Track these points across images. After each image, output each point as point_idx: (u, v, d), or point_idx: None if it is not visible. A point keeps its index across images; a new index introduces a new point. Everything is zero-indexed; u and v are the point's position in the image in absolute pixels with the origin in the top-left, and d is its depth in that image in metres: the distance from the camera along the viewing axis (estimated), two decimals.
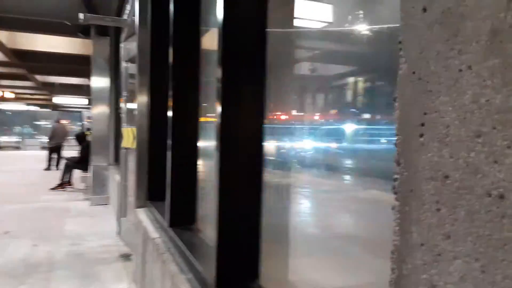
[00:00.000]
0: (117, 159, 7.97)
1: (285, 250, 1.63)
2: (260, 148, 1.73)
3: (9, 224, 6.16)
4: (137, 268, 3.64)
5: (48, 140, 13.35)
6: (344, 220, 1.29)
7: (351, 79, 1.30)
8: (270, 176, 1.75)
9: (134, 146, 4.49)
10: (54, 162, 13.17)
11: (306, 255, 1.47)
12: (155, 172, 3.74)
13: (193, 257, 2.15)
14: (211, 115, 2.46)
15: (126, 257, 4.83)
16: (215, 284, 1.76)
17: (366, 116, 1.17)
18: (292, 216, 1.58)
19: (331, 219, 1.36)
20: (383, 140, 1.03)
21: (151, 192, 3.75)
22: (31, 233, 5.72)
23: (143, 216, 3.56)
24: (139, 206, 3.92)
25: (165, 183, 2.91)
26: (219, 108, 1.73)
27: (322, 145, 1.36)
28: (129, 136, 5.32)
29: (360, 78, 1.26)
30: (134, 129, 4.54)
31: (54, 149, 13.19)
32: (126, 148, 5.61)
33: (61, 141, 13.25)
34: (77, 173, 9.99)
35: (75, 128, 22.18)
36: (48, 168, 13.03)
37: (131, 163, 5.04)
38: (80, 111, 25.15)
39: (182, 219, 2.85)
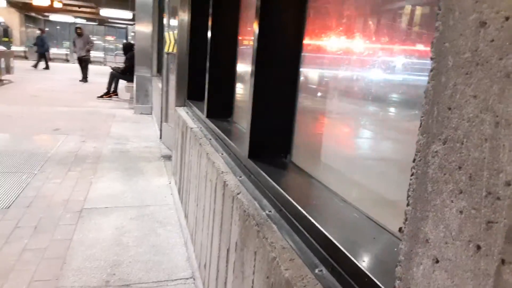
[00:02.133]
0: (159, 70, 8.07)
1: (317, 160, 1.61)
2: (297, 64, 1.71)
3: (60, 123, 6.54)
4: (176, 159, 3.81)
5: (87, 51, 13.25)
6: (381, 146, 1.23)
7: (407, 4, 1.14)
8: (308, 101, 1.70)
9: (175, 50, 4.51)
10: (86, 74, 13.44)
11: (336, 167, 1.45)
12: (195, 74, 3.77)
13: (228, 140, 2.18)
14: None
15: (167, 157, 5.05)
16: (247, 156, 1.79)
17: (420, 47, 1.05)
18: (327, 138, 1.53)
19: (367, 143, 1.31)
20: None
21: (190, 92, 3.80)
22: (79, 131, 6.07)
23: (183, 112, 3.64)
24: (179, 105, 4.01)
25: (204, 84, 2.93)
26: (256, 29, 1.69)
27: (367, 75, 1.25)
28: (170, 41, 5.31)
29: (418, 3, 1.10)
30: (176, 32, 4.54)
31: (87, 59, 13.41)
32: (168, 53, 5.62)
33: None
34: (122, 84, 10.26)
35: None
36: (85, 80, 13.40)
37: (173, 68, 5.08)
38: (126, 27, 25.29)
39: (218, 112, 2.89)
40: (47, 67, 17.21)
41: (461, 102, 0.46)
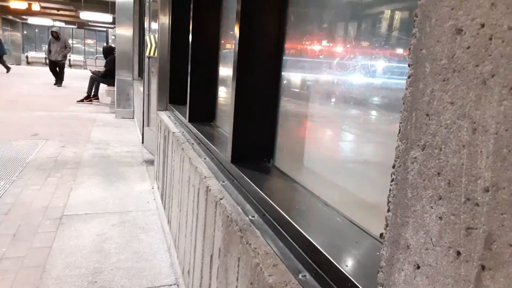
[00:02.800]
0: (141, 74, 8.01)
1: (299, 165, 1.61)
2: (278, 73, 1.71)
3: (38, 128, 6.41)
4: (159, 164, 3.77)
5: (63, 56, 13.03)
6: (363, 149, 1.24)
7: (387, 8, 1.15)
8: (291, 105, 1.70)
9: (157, 54, 4.48)
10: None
11: (318, 171, 1.45)
12: (176, 77, 3.75)
13: (211, 144, 2.17)
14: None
15: (149, 162, 5.00)
16: (230, 161, 1.78)
17: (400, 51, 1.06)
18: (310, 142, 1.54)
19: (350, 147, 1.32)
20: None
21: (172, 96, 3.77)
22: (59, 136, 5.95)
23: (165, 116, 3.61)
24: (161, 109, 3.97)
25: (186, 88, 2.91)
26: (237, 33, 1.69)
27: (349, 79, 1.26)
28: (151, 44, 5.27)
29: (397, 8, 1.11)
30: (157, 36, 4.52)
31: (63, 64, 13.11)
32: (149, 57, 5.57)
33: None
34: (103, 88, 10.13)
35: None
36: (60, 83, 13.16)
37: (154, 71, 5.04)
38: (106, 30, 25.02)
39: (201, 116, 2.88)
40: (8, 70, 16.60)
41: (439, 109, 0.46)
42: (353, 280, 0.82)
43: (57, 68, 12.92)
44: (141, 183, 4.19)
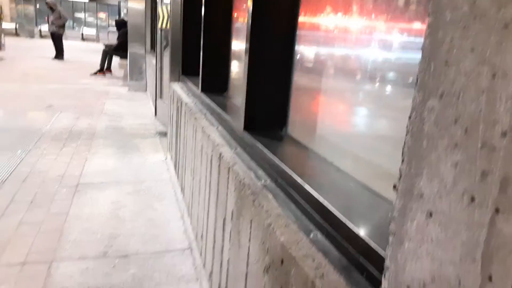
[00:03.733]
0: (153, 47, 7.97)
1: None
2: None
3: (52, 100, 6.48)
4: (171, 135, 3.81)
5: (58, 26, 12.63)
6: (377, 123, 1.22)
7: None
8: (303, 79, 1.68)
9: (169, 26, 4.45)
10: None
11: (331, 139, 1.44)
12: (189, 48, 3.73)
13: (223, 113, 2.18)
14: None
15: (162, 134, 5.04)
16: (243, 129, 1.79)
17: (418, 25, 1.02)
18: (323, 114, 1.52)
19: (362, 120, 1.30)
20: None
21: (185, 67, 3.76)
22: (73, 108, 6.02)
23: (177, 87, 3.61)
24: (173, 80, 3.98)
25: (198, 59, 2.90)
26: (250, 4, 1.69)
27: (363, 53, 1.23)
28: (164, 16, 5.22)
29: None
30: (169, 7, 4.48)
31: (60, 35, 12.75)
32: (161, 29, 5.53)
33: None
34: (116, 61, 10.14)
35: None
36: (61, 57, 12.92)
37: (167, 43, 5.02)
38: (118, 2, 24.81)
39: (213, 86, 2.87)
40: None
41: (459, 56, 0.46)
42: (363, 238, 0.83)
43: (56, 40, 12.75)
44: (154, 154, 4.24)
